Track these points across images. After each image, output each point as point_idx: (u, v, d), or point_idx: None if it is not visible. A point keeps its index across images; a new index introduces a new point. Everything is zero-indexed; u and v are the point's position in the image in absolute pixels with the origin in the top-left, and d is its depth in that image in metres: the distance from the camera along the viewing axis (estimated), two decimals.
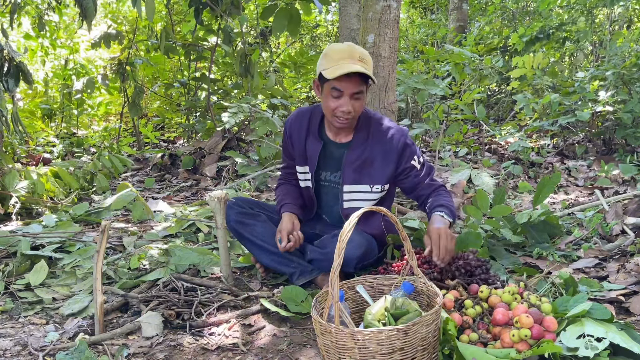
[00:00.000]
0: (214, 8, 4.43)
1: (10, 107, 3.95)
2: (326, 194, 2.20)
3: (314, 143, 2.12)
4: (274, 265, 2.18)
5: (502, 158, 4.71)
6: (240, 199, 2.26)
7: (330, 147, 2.13)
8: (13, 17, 3.98)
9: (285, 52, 7.84)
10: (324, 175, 2.18)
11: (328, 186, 2.18)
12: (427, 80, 4.36)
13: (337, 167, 2.12)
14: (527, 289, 1.77)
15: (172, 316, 1.88)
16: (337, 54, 1.90)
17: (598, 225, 2.59)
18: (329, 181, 2.18)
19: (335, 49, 1.93)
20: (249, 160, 4.59)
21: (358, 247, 1.99)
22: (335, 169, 2.14)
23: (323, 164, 2.15)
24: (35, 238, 2.74)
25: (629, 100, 4.21)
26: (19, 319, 1.99)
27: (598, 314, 1.47)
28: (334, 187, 2.17)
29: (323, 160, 2.14)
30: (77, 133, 6.78)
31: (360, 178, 2.08)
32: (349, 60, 1.87)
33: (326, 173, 2.17)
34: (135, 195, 3.42)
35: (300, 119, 2.17)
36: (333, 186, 2.17)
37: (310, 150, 2.13)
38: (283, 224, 2.12)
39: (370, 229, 2.13)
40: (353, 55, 1.89)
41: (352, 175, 2.08)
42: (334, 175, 2.16)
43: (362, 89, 1.94)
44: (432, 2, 10.19)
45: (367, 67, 1.90)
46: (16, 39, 7.24)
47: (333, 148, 2.12)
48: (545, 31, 5.90)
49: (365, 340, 1.33)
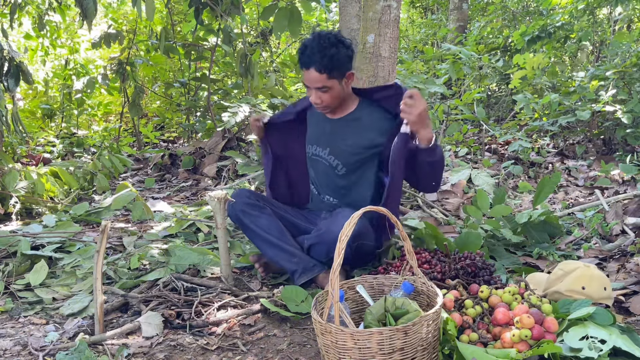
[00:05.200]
0: (214, 8, 4.43)
1: (10, 107, 3.95)
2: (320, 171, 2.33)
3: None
4: (275, 258, 2.16)
5: (502, 158, 4.71)
6: (248, 190, 2.28)
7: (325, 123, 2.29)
8: (13, 17, 3.98)
9: (286, 52, 7.84)
10: (318, 151, 2.29)
11: (319, 162, 2.29)
12: (427, 79, 4.36)
13: (326, 144, 2.26)
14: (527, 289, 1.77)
15: (172, 316, 1.88)
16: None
17: (598, 225, 2.59)
18: (320, 157, 2.29)
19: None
20: (249, 160, 4.59)
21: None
22: (324, 146, 2.27)
23: (316, 139, 2.30)
24: (35, 238, 2.74)
25: (629, 100, 4.21)
26: (19, 319, 1.99)
27: (600, 318, 1.46)
28: (323, 163, 2.29)
29: (317, 136, 2.30)
30: (77, 133, 6.77)
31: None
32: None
33: (319, 149, 2.28)
34: (135, 195, 3.42)
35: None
36: (323, 162, 2.28)
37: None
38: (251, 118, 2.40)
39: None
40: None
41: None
42: (324, 152, 2.27)
43: (326, 84, 2.04)
44: (433, 2, 10.19)
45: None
46: (16, 39, 7.24)
47: (327, 123, 2.27)
48: (546, 30, 5.89)
49: (365, 340, 1.33)
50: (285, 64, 6.50)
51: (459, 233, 2.61)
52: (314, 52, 2.00)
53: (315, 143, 2.29)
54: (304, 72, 2.06)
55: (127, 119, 7.20)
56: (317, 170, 2.32)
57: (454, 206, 3.31)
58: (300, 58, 2.06)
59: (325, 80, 2.04)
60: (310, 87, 2.08)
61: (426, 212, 3.16)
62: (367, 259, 2.22)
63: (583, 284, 1.66)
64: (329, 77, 2.03)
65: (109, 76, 5.75)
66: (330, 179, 2.27)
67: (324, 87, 2.06)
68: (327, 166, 2.25)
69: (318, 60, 1.99)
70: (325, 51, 1.99)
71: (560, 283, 1.71)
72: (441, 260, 1.97)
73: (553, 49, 6.25)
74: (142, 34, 6.33)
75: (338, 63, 2.03)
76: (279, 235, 2.15)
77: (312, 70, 2.02)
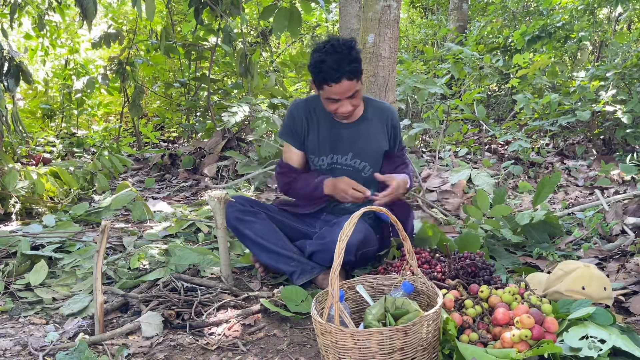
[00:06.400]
0: (214, 8, 4.43)
1: (10, 107, 3.95)
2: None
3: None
4: (273, 263, 2.15)
5: (502, 158, 4.71)
6: (240, 198, 2.26)
7: (339, 127, 2.21)
8: (13, 17, 3.98)
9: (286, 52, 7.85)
10: (335, 159, 2.22)
11: (340, 169, 2.22)
12: (427, 79, 4.36)
13: (347, 149, 2.21)
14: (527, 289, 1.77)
15: (172, 316, 1.88)
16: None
17: (598, 225, 2.59)
18: (340, 164, 2.22)
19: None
20: (249, 160, 4.59)
21: (358, 232, 1.99)
22: (345, 152, 2.21)
23: (334, 147, 2.22)
24: (35, 238, 2.74)
25: (629, 100, 4.21)
26: (19, 319, 1.99)
27: (600, 318, 1.46)
28: (345, 170, 2.22)
29: (334, 144, 2.21)
30: (77, 133, 6.78)
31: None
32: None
33: (337, 156, 2.22)
34: (135, 195, 3.42)
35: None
36: (345, 168, 2.22)
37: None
38: (342, 183, 2.09)
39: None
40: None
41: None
42: (344, 158, 2.22)
43: (356, 87, 2.01)
44: (433, 2, 10.19)
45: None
46: (16, 39, 7.23)
47: (341, 128, 2.21)
48: (546, 30, 5.89)
49: (365, 340, 1.33)
50: (285, 64, 6.50)
51: (459, 233, 2.61)
52: (341, 62, 1.93)
53: (331, 152, 2.20)
54: (333, 87, 1.96)
55: (127, 119, 7.21)
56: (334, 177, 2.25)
57: (454, 206, 3.31)
58: (324, 75, 1.95)
59: (356, 84, 2.00)
60: (341, 99, 2.00)
61: (426, 212, 3.16)
62: (368, 261, 2.23)
63: (583, 284, 1.66)
64: (357, 80, 2.00)
65: (109, 76, 5.75)
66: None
67: (355, 92, 2.01)
68: (351, 171, 2.21)
69: (347, 69, 1.93)
70: (349, 57, 1.95)
71: (560, 283, 1.71)
72: (441, 260, 1.97)
73: (553, 49, 6.25)
74: (142, 34, 6.33)
75: (360, 64, 2.01)
76: (275, 239, 2.14)
77: (343, 81, 1.95)
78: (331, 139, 2.20)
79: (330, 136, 2.20)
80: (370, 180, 2.20)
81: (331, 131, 2.20)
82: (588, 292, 1.65)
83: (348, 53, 1.95)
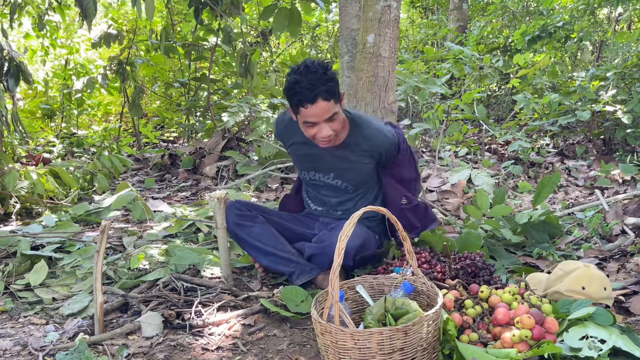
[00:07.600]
0: (214, 8, 4.43)
1: (10, 107, 3.95)
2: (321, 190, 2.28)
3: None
4: (272, 266, 2.18)
5: (502, 158, 4.71)
6: (238, 202, 2.25)
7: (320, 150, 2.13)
8: (13, 17, 3.98)
9: (286, 52, 7.84)
10: (317, 176, 2.22)
11: (323, 185, 2.25)
12: (427, 79, 4.36)
13: (328, 169, 2.18)
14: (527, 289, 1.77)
15: (172, 316, 1.88)
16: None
17: (598, 225, 2.59)
18: (322, 181, 2.23)
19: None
20: (249, 160, 4.59)
21: (356, 237, 1.99)
22: (326, 171, 2.19)
23: (314, 166, 2.20)
24: (35, 238, 2.74)
25: (629, 100, 4.21)
26: (19, 319, 1.99)
27: (600, 318, 1.46)
28: (328, 185, 2.23)
29: (314, 163, 2.19)
30: (77, 133, 6.77)
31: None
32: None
33: (319, 174, 2.21)
34: (135, 195, 3.42)
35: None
36: (327, 184, 2.23)
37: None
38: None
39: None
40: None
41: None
42: (326, 176, 2.20)
43: (334, 109, 1.92)
44: (433, 2, 10.18)
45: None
46: (16, 39, 7.23)
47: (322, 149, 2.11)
48: (547, 30, 5.89)
49: (365, 340, 1.33)
50: (285, 64, 6.50)
51: (459, 233, 2.61)
52: (316, 82, 1.85)
53: (313, 170, 2.21)
54: (309, 108, 1.87)
55: (127, 119, 7.20)
56: (317, 189, 2.28)
57: (454, 206, 3.31)
58: (299, 96, 1.87)
59: (333, 105, 1.91)
60: (318, 122, 1.92)
61: None
62: (367, 263, 2.23)
63: (583, 284, 1.66)
64: (335, 101, 1.91)
65: (109, 76, 5.74)
66: (337, 196, 2.25)
67: (334, 115, 1.92)
68: (333, 187, 2.22)
69: (322, 88, 1.85)
70: (324, 77, 1.87)
71: (560, 283, 1.71)
72: (441, 260, 1.97)
73: (553, 49, 6.25)
74: (142, 34, 6.32)
75: (337, 85, 1.93)
76: (273, 242, 2.15)
77: (319, 101, 1.86)
78: (313, 158, 2.18)
79: (313, 154, 2.16)
80: (354, 196, 2.22)
81: (312, 150, 2.14)
82: (588, 292, 1.65)
83: (323, 73, 1.87)
